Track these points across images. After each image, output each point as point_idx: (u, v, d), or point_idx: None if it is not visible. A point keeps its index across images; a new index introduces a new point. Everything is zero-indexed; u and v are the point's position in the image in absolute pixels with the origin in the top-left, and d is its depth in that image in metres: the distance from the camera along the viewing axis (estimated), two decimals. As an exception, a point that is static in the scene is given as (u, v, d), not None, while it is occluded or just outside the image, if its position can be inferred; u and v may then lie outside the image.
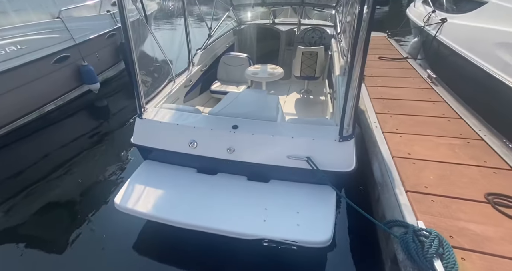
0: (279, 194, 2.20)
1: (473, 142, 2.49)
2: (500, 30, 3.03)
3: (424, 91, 3.58)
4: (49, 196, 3.05)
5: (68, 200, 3.02)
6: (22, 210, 2.88)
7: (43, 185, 3.21)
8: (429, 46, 4.67)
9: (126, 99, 5.76)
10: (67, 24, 4.43)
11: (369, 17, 1.67)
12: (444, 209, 1.79)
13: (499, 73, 2.85)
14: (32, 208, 2.89)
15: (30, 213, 2.84)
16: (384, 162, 2.28)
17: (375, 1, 1.62)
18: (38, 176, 3.33)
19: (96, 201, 2.95)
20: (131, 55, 2.23)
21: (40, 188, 3.18)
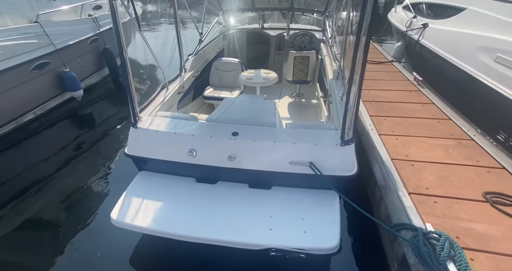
0: (282, 201, 2.16)
1: (464, 142, 2.59)
2: (480, 35, 3.21)
3: (412, 94, 3.70)
4: (31, 214, 2.83)
5: (52, 217, 2.82)
6: (2, 229, 2.66)
7: (23, 203, 2.98)
8: (413, 50, 4.87)
9: (112, 106, 5.54)
10: (46, 29, 4.19)
11: (369, 24, 1.68)
12: (447, 209, 1.83)
13: (481, 75, 3.00)
14: (14, 227, 2.67)
15: (11, 233, 2.62)
16: (384, 165, 2.32)
17: (374, 9, 1.64)
18: (17, 192, 3.09)
19: (84, 217, 2.78)
20: (124, 63, 2.13)
21: (21, 206, 2.94)
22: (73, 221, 2.75)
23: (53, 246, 2.49)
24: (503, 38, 2.83)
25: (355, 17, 2.68)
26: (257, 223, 1.96)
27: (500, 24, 3.04)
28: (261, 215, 2.03)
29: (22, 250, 2.48)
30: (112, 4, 1.94)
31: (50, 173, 3.40)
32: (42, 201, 3.01)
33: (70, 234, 2.60)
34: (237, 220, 1.99)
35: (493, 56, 2.90)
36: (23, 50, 3.84)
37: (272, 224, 1.96)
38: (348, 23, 2.92)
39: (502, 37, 2.86)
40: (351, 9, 2.77)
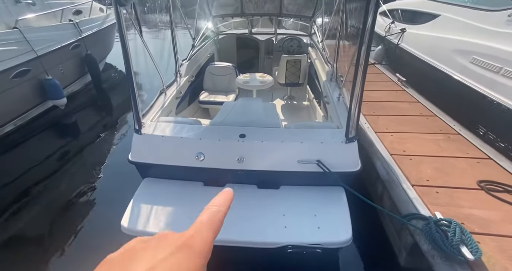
0: (292, 199, 2.21)
1: (453, 137, 2.81)
2: (456, 39, 3.51)
3: (398, 93, 3.94)
4: (13, 231, 2.66)
5: (40, 231, 2.66)
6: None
7: (8, 221, 2.79)
8: (393, 53, 5.18)
9: (95, 114, 5.32)
10: (26, 35, 3.96)
11: (370, 31, 1.80)
12: (449, 199, 1.98)
13: (459, 76, 3.27)
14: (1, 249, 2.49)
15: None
16: (385, 160, 2.45)
17: (374, 16, 1.75)
18: (5, 204, 2.89)
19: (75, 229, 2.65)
20: (130, 69, 2.09)
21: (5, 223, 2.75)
22: (65, 234, 2.61)
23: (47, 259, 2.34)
24: (478, 42, 3.12)
25: (349, 22, 2.84)
26: (271, 222, 2.00)
27: (472, 29, 3.35)
28: (274, 214, 2.06)
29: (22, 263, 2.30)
30: (118, 11, 1.91)
31: (34, 186, 3.20)
32: (27, 215, 2.82)
33: (60, 249, 2.46)
34: (252, 220, 2.01)
35: (469, 58, 3.18)
36: (2, 57, 3.60)
37: (286, 222, 2.00)
38: (341, 28, 3.07)
39: (477, 41, 3.15)
40: (345, 14, 2.93)
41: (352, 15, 2.79)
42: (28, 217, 2.80)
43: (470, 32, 3.37)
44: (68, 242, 2.54)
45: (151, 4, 2.85)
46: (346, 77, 2.74)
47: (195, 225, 0.30)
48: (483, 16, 3.31)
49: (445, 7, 4.09)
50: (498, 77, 2.74)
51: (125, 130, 4.52)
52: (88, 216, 2.83)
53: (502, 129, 2.58)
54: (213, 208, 0.32)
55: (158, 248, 0.27)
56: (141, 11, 2.69)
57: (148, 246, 0.27)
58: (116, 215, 2.22)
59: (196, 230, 0.29)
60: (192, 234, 0.28)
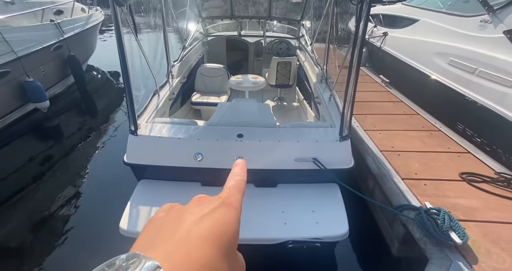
0: (290, 196, 2.28)
1: (435, 133, 3.00)
2: (434, 42, 3.76)
3: (383, 94, 4.15)
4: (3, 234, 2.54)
5: (21, 236, 2.57)
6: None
7: None
8: (376, 55, 5.44)
9: (80, 116, 5.15)
10: (4, 35, 3.78)
11: (362, 34, 1.92)
12: (436, 190, 2.12)
13: (438, 76, 3.51)
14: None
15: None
16: (376, 156, 2.58)
17: (366, 19, 1.87)
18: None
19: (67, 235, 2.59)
20: (126, 70, 2.08)
21: None
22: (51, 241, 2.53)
23: None
24: (454, 45, 3.37)
25: (339, 25, 2.98)
26: (271, 219, 2.05)
27: (448, 33, 3.60)
28: (273, 211, 2.12)
29: None
30: (115, 11, 1.90)
31: (17, 192, 3.06)
32: (9, 223, 2.70)
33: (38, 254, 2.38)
34: (252, 218, 2.05)
35: (446, 60, 3.42)
36: (-20, 58, 3.42)
37: (285, 218, 2.06)
38: (331, 31, 3.20)
39: (453, 44, 3.40)
40: (334, 18, 3.06)
41: (342, 19, 2.93)
42: (13, 225, 2.68)
43: (447, 36, 3.62)
44: (60, 249, 2.45)
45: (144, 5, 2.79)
46: (337, 78, 2.86)
47: (225, 189, 0.35)
48: (458, 21, 3.57)
49: (423, 13, 4.37)
50: (473, 77, 2.97)
51: (111, 132, 4.42)
52: (78, 221, 2.76)
53: (478, 126, 2.81)
54: (236, 177, 0.37)
55: (201, 205, 0.31)
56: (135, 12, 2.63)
57: (190, 206, 0.32)
58: (110, 217, 2.19)
59: (229, 192, 0.34)
60: (227, 196, 0.33)
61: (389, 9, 5.69)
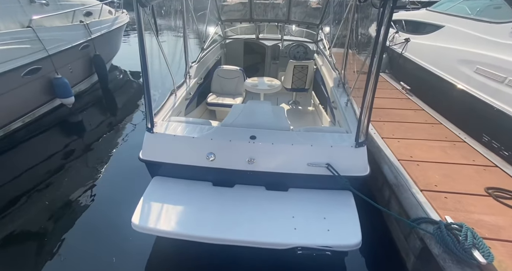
0: (301, 201, 2.23)
1: (458, 144, 2.85)
2: (460, 49, 3.59)
3: (403, 101, 4.01)
4: (17, 226, 2.67)
5: (39, 227, 2.67)
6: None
7: (14, 211, 2.81)
8: (397, 62, 5.28)
9: (101, 113, 5.36)
10: (39, 34, 4.03)
11: (383, 40, 1.86)
12: (458, 204, 2.00)
13: (463, 85, 3.34)
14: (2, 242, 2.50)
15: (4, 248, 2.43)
16: (393, 165, 2.48)
17: (388, 24, 1.81)
18: (8, 200, 2.90)
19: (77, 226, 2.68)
20: (146, 69, 2.13)
21: (10, 214, 2.77)
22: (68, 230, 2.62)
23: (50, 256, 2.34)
24: (482, 52, 3.20)
25: (359, 31, 2.92)
26: (281, 223, 2.01)
27: (476, 40, 3.43)
28: (283, 215, 2.08)
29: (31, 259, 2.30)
30: (138, 11, 1.96)
31: (38, 182, 3.22)
32: (29, 211, 2.83)
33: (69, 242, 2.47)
34: (261, 221, 2.02)
35: (473, 68, 3.26)
36: (16, 55, 3.65)
37: (295, 224, 2.01)
38: (350, 36, 3.14)
39: (481, 51, 3.23)
40: (354, 23, 3.00)
41: (363, 24, 2.87)
42: (34, 212, 2.81)
43: (474, 43, 3.45)
44: (74, 240, 2.54)
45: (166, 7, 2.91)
46: (355, 84, 2.80)
47: None
48: (487, 27, 3.40)
49: (449, 19, 4.20)
50: (502, 86, 2.80)
51: (130, 129, 4.55)
52: (93, 213, 2.84)
53: (506, 138, 2.63)
54: None
55: None
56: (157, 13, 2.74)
57: None
58: (123, 212, 2.24)
59: None
60: None
61: (413, 15, 5.53)
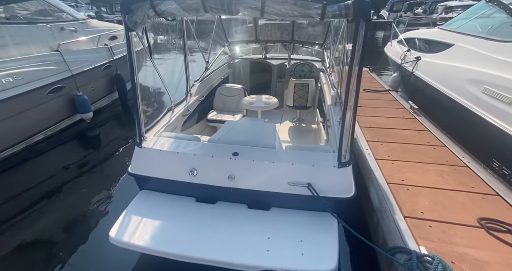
0: (280, 222, 2.18)
1: (459, 169, 2.65)
2: (468, 68, 3.42)
3: (408, 121, 3.84)
4: (30, 232, 2.86)
5: (51, 236, 2.84)
6: (4, 243, 2.68)
7: (28, 219, 3.03)
8: (408, 81, 5.12)
9: (118, 128, 5.75)
10: (65, 57, 4.55)
11: (361, 54, 1.86)
12: (442, 234, 1.84)
13: (471, 106, 3.14)
14: (15, 242, 2.70)
15: (11, 247, 2.63)
16: (381, 188, 2.36)
17: (366, 35, 1.81)
18: (22, 209, 3.15)
19: (83, 236, 2.79)
20: (135, 85, 2.31)
21: (24, 221, 2.99)
22: (73, 240, 2.77)
23: (48, 264, 2.48)
24: (489, 72, 3.02)
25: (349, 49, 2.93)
26: (254, 244, 1.98)
27: (485, 59, 3.26)
28: (259, 236, 2.04)
29: (17, 269, 2.46)
30: (128, 35, 2.17)
31: (53, 192, 3.48)
32: (42, 219, 3.04)
33: (68, 252, 2.60)
34: (235, 241, 2.00)
35: (481, 88, 3.07)
36: (42, 75, 4.14)
37: (269, 245, 1.97)
38: (343, 54, 3.17)
39: (488, 71, 3.06)
40: (346, 41, 3.03)
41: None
42: (45, 222, 3.01)
43: (482, 62, 3.28)
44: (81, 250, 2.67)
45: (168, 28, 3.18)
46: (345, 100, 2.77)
47: None
48: (497, 46, 3.24)
49: (459, 37, 4.05)
50: (510, 108, 2.61)
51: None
52: (100, 221, 2.99)
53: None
54: None
55: None
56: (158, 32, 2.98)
57: None
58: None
59: None
60: None
61: (425, 33, 5.40)
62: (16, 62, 3.85)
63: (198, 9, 1.88)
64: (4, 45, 3.83)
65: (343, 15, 1.73)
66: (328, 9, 1.72)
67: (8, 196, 3.38)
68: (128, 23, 2.03)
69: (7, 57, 3.81)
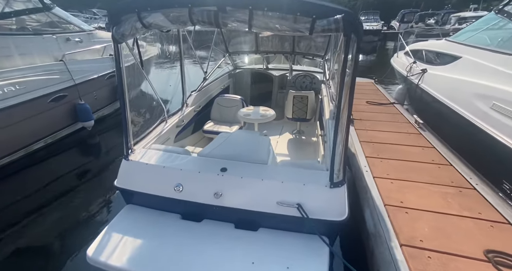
0: (268, 245, 2.03)
1: (465, 191, 2.44)
2: (476, 82, 3.24)
3: (412, 136, 3.65)
4: (19, 242, 2.81)
5: (37, 248, 2.78)
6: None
7: (17, 230, 2.99)
8: (414, 93, 4.94)
9: (119, 137, 5.70)
10: (69, 66, 4.64)
11: (354, 64, 1.75)
12: (442, 267, 1.65)
13: (480, 122, 2.95)
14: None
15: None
16: (376, 210, 2.19)
17: (358, 49, 1.71)
18: (12, 219, 3.12)
19: (68, 250, 2.71)
20: (122, 95, 2.28)
21: (13, 233, 2.95)
22: (56, 253, 2.69)
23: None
24: (498, 87, 2.84)
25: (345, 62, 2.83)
26: (236, 269, 1.84)
27: (493, 72, 3.08)
28: (242, 261, 1.90)
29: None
30: (115, 47, 2.15)
31: (47, 201, 3.45)
32: (32, 229, 3.00)
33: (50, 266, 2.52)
34: (216, 265, 1.87)
35: (489, 104, 2.88)
36: (44, 84, 4.21)
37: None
38: (339, 68, 3.06)
39: (497, 85, 2.88)
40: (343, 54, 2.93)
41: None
42: (40, 229, 2.99)
43: (491, 76, 3.10)
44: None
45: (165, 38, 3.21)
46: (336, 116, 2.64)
47: None
48: (506, 60, 3.07)
49: (467, 50, 3.89)
50: (520, 126, 2.41)
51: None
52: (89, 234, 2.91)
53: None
54: None
55: None
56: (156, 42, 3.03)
57: None
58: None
59: None
60: None
61: (432, 45, 5.24)
62: (19, 71, 3.93)
63: (185, 22, 1.84)
64: (10, 56, 3.94)
65: (332, 30, 1.64)
66: (317, 24, 1.64)
67: (1, 204, 3.37)
68: (116, 35, 2.01)
69: (12, 66, 3.91)
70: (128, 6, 1.90)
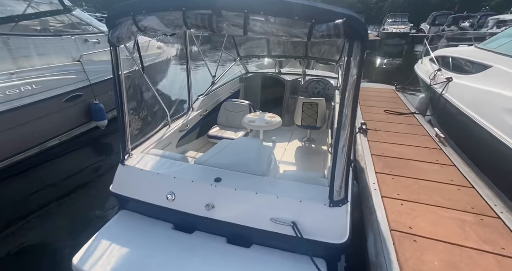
0: (260, 264, 1.91)
1: (488, 220, 2.15)
2: (507, 96, 2.90)
3: (431, 152, 3.34)
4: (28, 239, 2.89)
5: (37, 249, 2.82)
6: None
7: (21, 227, 3.07)
8: (436, 103, 4.57)
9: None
10: (85, 67, 4.78)
11: (357, 72, 1.58)
12: (451, 313, 1.43)
13: (509, 141, 2.62)
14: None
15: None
16: (380, 236, 1.98)
17: (362, 56, 1.55)
18: (16, 217, 3.21)
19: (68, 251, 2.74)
20: (120, 98, 2.25)
21: (16, 231, 3.03)
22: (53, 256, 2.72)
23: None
24: (533, 101, 2.51)
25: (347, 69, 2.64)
26: None
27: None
28: None
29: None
30: (111, 50, 2.13)
31: (54, 199, 3.53)
32: (34, 228, 3.06)
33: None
34: None
35: (522, 120, 2.56)
36: (61, 84, 4.35)
37: None
38: (342, 73, 2.88)
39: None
40: (345, 60, 2.75)
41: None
42: (50, 225, 3.07)
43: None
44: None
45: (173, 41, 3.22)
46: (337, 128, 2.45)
47: None
48: (545, 71, 2.71)
49: (498, 58, 3.52)
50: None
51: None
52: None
53: None
54: None
55: None
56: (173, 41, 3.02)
57: None
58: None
59: None
60: None
61: (461, 52, 4.83)
62: (36, 71, 4.09)
63: (180, 26, 1.78)
64: (28, 56, 4.10)
65: (332, 35, 1.49)
66: (316, 29, 1.50)
67: (9, 201, 3.49)
68: (111, 39, 1.99)
69: (30, 66, 4.07)
70: (123, 9, 1.87)
